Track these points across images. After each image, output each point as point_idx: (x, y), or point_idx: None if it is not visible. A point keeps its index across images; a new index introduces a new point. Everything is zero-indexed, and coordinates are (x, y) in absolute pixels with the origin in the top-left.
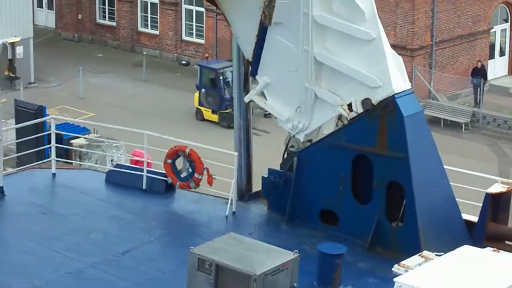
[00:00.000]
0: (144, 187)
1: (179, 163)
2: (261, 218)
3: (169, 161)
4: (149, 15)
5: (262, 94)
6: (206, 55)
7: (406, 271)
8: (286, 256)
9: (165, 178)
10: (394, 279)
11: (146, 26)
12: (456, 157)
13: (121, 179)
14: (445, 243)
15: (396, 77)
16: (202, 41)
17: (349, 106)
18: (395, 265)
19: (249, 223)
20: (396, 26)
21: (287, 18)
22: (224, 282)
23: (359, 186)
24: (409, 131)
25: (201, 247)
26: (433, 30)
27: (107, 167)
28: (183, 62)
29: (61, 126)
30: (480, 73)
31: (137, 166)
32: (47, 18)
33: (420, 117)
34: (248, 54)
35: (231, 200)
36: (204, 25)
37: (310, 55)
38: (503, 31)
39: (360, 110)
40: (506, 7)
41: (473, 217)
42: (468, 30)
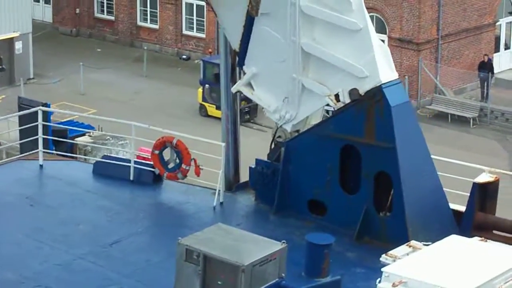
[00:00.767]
0: (131, 178)
1: (167, 154)
2: (249, 208)
3: (156, 152)
4: (148, 9)
5: (249, 85)
6: (210, 50)
7: (394, 260)
8: (274, 246)
9: (152, 169)
10: (382, 269)
11: (145, 20)
12: (465, 152)
13: (108, 170)
14: (432, 233)
15: (383, 67)
16: (203, 35)
17: (337, 96)
18: (383, 255)
19: (237, 213)
20: (402, 20)
21: (274, 8)
22: (212, 273)
23: (347, 176)
24: (396, 121)
25: (189, 237)
26: (439, 24)
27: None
28: (184, 56)
29: (65, 123)
30: (487, 67)
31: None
32: (44, 12)
33: (407, 107)
34: (235, 45)
35: (219, 190)
36: (205, 19)
37: (297, 45)
38: (508, 24)
39: (347, 100)
40: None
41: (461, 207)
42: (473, 24)
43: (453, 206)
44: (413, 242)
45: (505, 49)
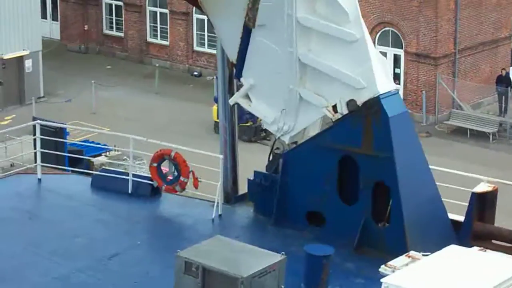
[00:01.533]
0: (129, 191)
1: (165, 166)
2: (247, 220)
3: (155, 164)
4: (158, 25)
5: (247, 96)
6: None
7: (393, 271)
8: (273, 258)
9: (150, 182)
10: (381, 280)
11: (155, 36)
12: (487, 168)
13: (106, 183)
14: (431, 243)
15: (381, 77)
16: (214, 51)
17: (334, 107)
18: (382, 266)
19: (236, 225)
20: (419, 34)
21: (271, 20)
22: (211, 285)
23: (345, 187)
24: (394, 132)
25: (188, 250)
26: (456, 38)
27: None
28: (195, 73)
29: (79, 144)
30: (504, 81)
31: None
32: (51, 29)
33: (405, 117)
34: (233, 56)
35: (217, 202)
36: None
37: (295, 56)
38: None
39: (345, 111)
40: None
41: (460, 217)
42: (490, 37)
43: (451, 216)
44: (412, 253)
45: None
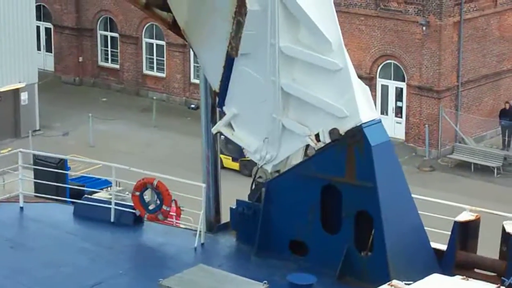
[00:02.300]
0: (112, 219)
1: (148, 195)
2: (230, 249)
3: (137, 193)
4: (154, 57)
5: (229, 125)
6: None
7: None
8: (256, 287)
9: (133, 211)
10: None
11: (151, 68)
12: (491, 202)
13: (89, 212)
14: (414, 272)
15: (363, 106)
16: None
17: (317, 136)
18: None
19: (218, 254)
20: (422, 67)
21: (254, 49)
22: None
23: (328, 216)
24: (377, 161)
25: (171, 279)
26: (459, 71)
27: None
28: (193, 106)
29: (80, 179)
30: (509, 114)
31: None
32: (45, 61)
33: (388, 146)
34: (215, 85)
35: (200, 231)
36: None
37: (277, 85)
38: None
39: (327, 140)
40: None
41: (442, 246)
42: (493, 70)
43: (434, 245)
44: (394, 282)
45: None
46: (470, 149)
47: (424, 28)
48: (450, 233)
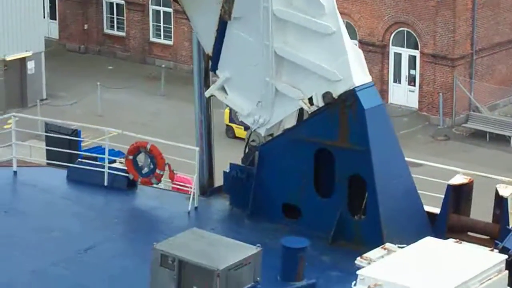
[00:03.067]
0: (105, 183)
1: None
2: (223, 213)
3: (130, 157)
4: (161, 24)
5: (222, 89)
6: None
7: (369, 263)
8: (249, 250)
9: (126, 175)
10: (357, 272)
11: (158, 36)
12: (506, 172)
13: (82, 176)
14: (407, 235)
15: (357, 70)
16: None
17: (310, 100)
18: (358, 258)
19: (211, 218)
20: (436, 35)
21: (247, 12)
22: (188, 278)
23: (321, 179)
24: (370, 124)
25: (164, 243)
26: (473, 38)
27: None
28: None
29: (95, 149)
30: None
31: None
32: (49, 29)
33: (381, 110)
34: (208, 49)
35: (193, 195)
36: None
37: (271, 49)
38: None
39: (321, 104)
40: None
41: (435, 209)
42: (506, 37)
43: (427, 208)
44: (387, 245)
45: None
46: (484, 118)
47: None
48: (443, 196)
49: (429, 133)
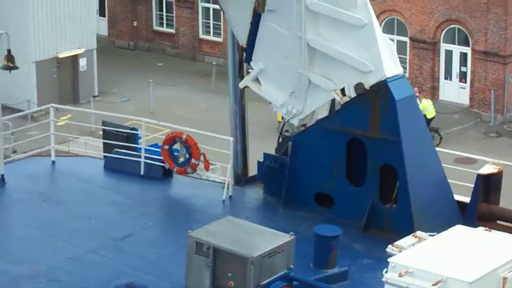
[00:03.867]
0: (142, 172)
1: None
2: (257, 202)
3: (166, 147)
4: (211, 21)
5: (256, 80)
6: None
7: (400, 251)
8: (282, 238)
9: (162, 164)
10: (389, 259)
11: (208, 33)
12: None
13: (119, 166)
14: (438, 223)
15: (388, 61)
16: None
17: (342, 90)
18: (389, 246)
19: (246, 207)
20: (487, 32)
21: (280, 5)
22: (222, 265)
23: (353, 169)
24: (401, 114)
25: (199, 230)
26: None
27: None
28: (250, 71)
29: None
30: None
31: None
32: (98, 25)
33: (412, 101)
34: (242, 41)
35: (228, 184)
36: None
37: (303, 41)
38: None
39: (353, 94)
40: None
41: (465, 198)
42: None
43: (457, 197)
44: (418, 233)
45: None
46: None
47: None
48: (473, 185)
49: (480, 130)
